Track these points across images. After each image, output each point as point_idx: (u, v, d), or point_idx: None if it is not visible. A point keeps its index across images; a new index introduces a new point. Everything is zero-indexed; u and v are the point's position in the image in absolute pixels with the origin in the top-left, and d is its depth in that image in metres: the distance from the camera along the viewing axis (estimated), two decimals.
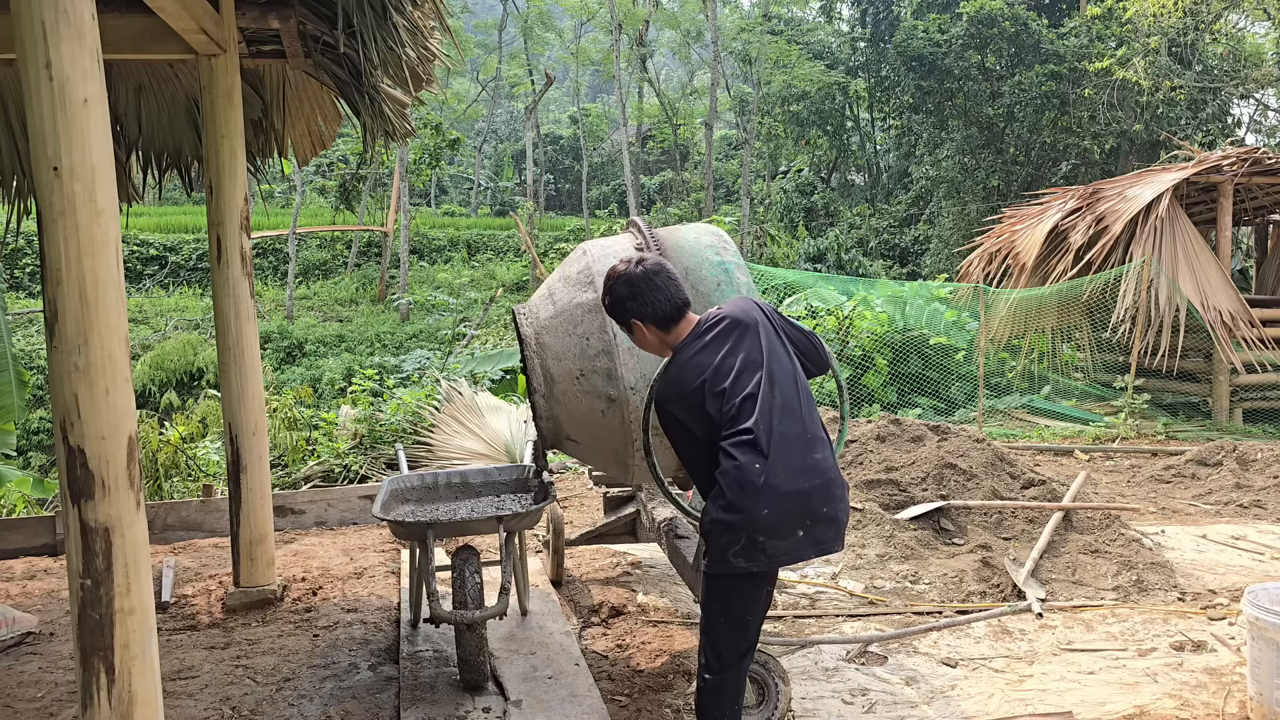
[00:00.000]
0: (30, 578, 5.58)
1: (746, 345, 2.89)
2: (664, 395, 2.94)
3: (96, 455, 2.32)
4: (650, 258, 3.08)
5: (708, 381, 2.84)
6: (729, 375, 2.83)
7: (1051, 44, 19.75)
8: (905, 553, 5.49)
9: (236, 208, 4.79)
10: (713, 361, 2.87)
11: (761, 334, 2.93)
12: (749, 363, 2.86)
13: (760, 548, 2.75)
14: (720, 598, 2.90)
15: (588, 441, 3.85)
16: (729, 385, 2.81)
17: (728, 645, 2.92)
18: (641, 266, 3.03)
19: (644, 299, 2.98)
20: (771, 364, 2.87)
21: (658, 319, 2.99)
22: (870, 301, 12.61)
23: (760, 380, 2.82)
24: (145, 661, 2.41)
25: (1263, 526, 6.34)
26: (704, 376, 2.85)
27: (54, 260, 2.29)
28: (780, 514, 2.75)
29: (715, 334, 2.93)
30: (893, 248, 23.99)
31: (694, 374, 2.87)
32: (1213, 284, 10.74)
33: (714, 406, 2.81)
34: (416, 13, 4.55)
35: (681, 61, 42.27)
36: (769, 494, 2.72)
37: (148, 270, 27.05)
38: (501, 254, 30.83)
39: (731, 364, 2.85)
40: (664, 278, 3.02)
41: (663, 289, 2.99)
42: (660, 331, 3.01)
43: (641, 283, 2.99)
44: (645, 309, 2.98)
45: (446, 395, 8.82)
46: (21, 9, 2.23)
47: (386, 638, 4.47)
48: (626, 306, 3.01)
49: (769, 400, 2.80)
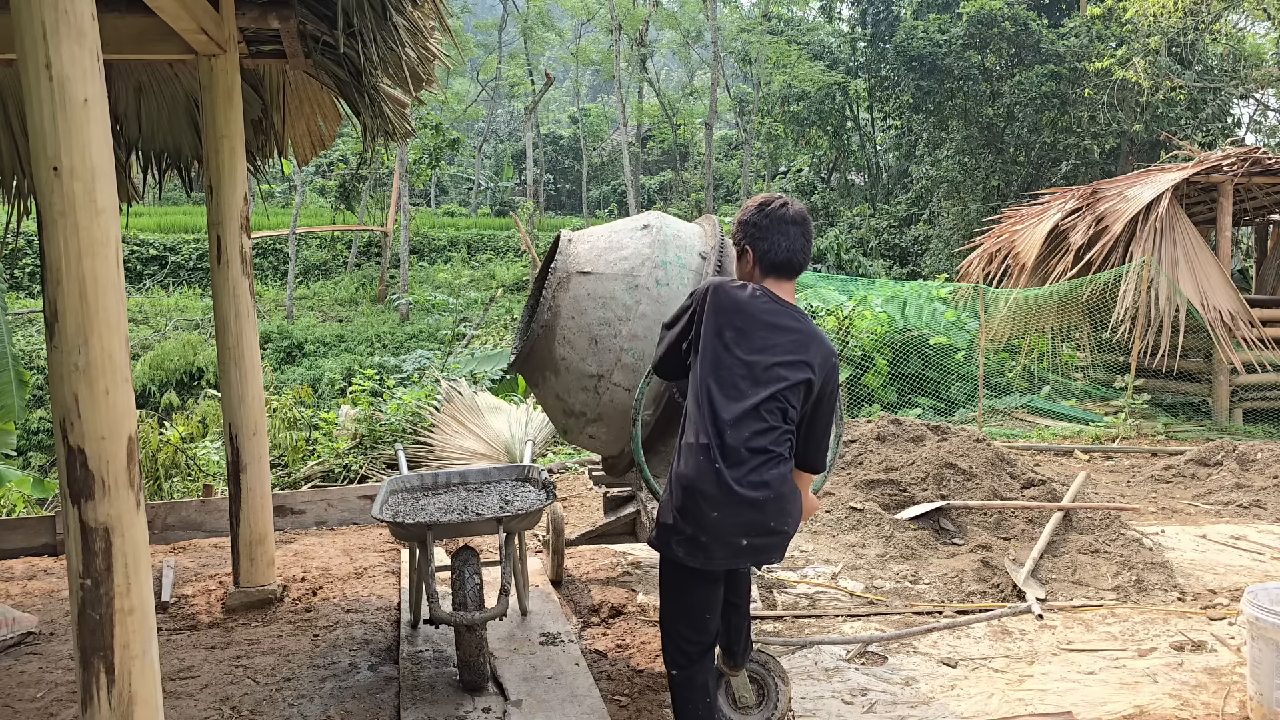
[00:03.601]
0: (30, 578, 5.58)
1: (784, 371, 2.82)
2: (723, 284, 2.90)
3: (96, 455, 2.31)
4: (798, 204, 3.01)
5: (736, 340, 2.81)
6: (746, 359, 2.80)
7: (1051, 44, 19.76)
8: (905, 553, 5.49)
9: (236, 208, 4.79)
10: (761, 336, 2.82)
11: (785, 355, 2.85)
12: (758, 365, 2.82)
13: (702, 548, 2.78)
14: (677, 595, 2.93)
15: (575, 350, 3.78)
16: (732, 363, 2.80)
17: (688, 641, 2.94)
18: (786, 208, 2.97)
19: (767, 234, 2.93)
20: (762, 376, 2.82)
21: (766, 261, 2.94)
22: (870, 301, 12.61)
23: (747, 386, 2.80)
24: (145, 661, 2.41)
25: (1263, 526, 6.34)
26: (734, 335, 2.82)
27: (54, 260, 2.29)
28: (728, 521, 2.75)
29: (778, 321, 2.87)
30: (893, 248, 24.00)
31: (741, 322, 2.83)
32: (1213, 284, 10.74)
33: (713, 353, 2.81)
34: (416, 13, 4.55)
35: (681, 61, 42.29)
36: (722, 500, 2.73)
37: (148, 270, 27.05)
38: (501, 254, 30.83)
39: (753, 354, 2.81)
40: (799, 230, 2.95)
41: (791, 239, 2.93)
42: (760, 273, 2.96)
43: (777, 220, 2.94)
44: (762, 244, 2.93)
45: (446, 395, 8.82)
46: (21, 9, 2.23)
47: (386, 638, 4.47)
48: (749, 232, 2.97)
49: (743, 409, 2.78)
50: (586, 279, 3.72)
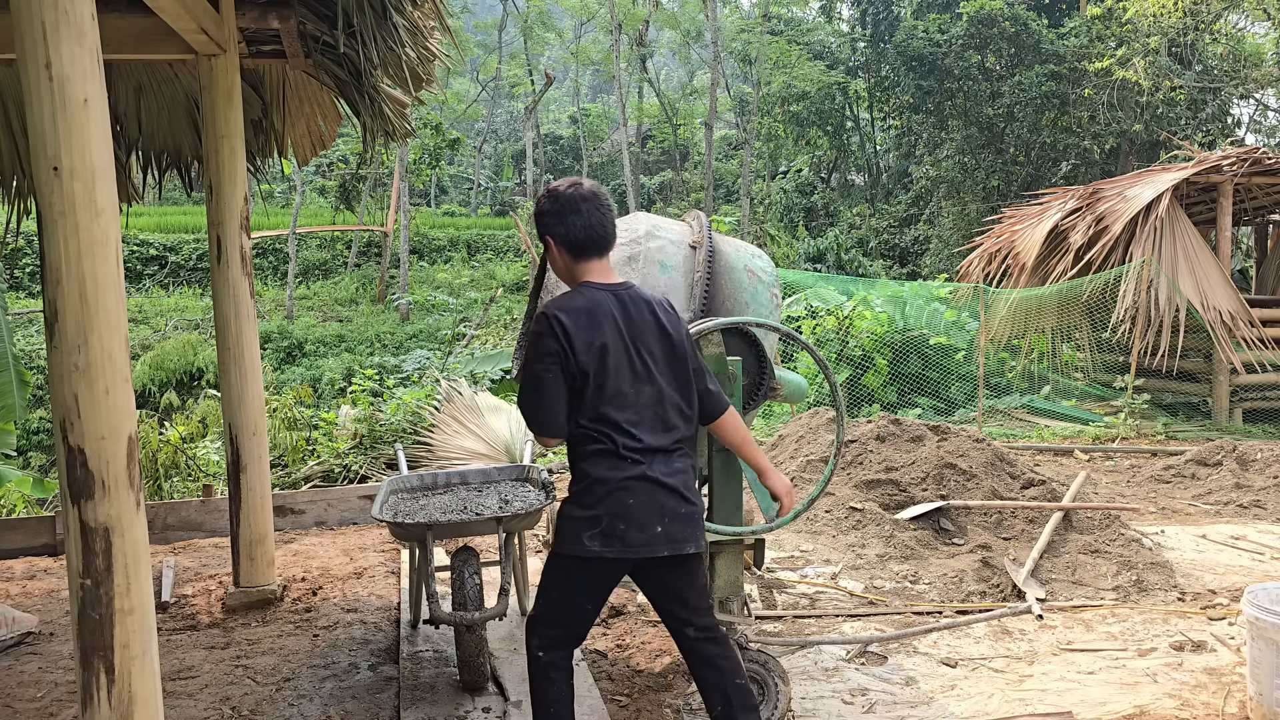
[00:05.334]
0: (30, 578, 5.58)
1: (642, 334, 2.85)
2: (560, 306, 2.81)
3: (96, 455, 2.31)
4: (589, 183, 2.96)
5: (608, 345, 2.77)
6: (622, 353, 2.79)
7: (1051, 44, 19.76)
8: (905, 553, 5.49)
9: (236, 208, 4.79)
10: (613, 328, 2.80)
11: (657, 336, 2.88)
12: (642, 350, 2.83)
13: (620, 536, 2.76)
14: (564, 581, 2.88)
15: None
16: (614, 362, 2.77)
17: (562, 626, 2.91)
18: (575, 188, 2.91)
19: (562, 218, 2.87)
20: (655, 364, 2.85)
21: (568, 243, 2.88)
22: (870, 301, 12.61)
23: (645, 373, 2.82)
24: (145, 661, 2.41)
25: (1263, 526, 6.34)
26: (604, 338, 2.77)
27: (54, 260, 2.29)
28: (645, 506, 2.76)
29: (623, 303, 2.86)
30: (893, 248, 24.00)
31: (602, 325, 2.79)
32: (1213, 284, 10.74)
33: (593, 367, 2.75)
34: (416, 13, 4.56)
35: (681, 61, 42.31)
36: (638, 485, 2.75)
37: (148, 270, 27.05)
38: (501, 254, 30.83)
39: (625, 344, 2.81)
40: (591, 206, 2.88)
41: (585, 215, 2.86)
42: (569, 258, 2.90)
43: (566, 201, 2.88)
44: (559, 228, 2.88)
45: (446, 395, 8.82)
46: (21, 9, 2.23)
47: (386, 638, 4.47)
48: (545, 221, 2.92)
49: (649, 395, 2.81)
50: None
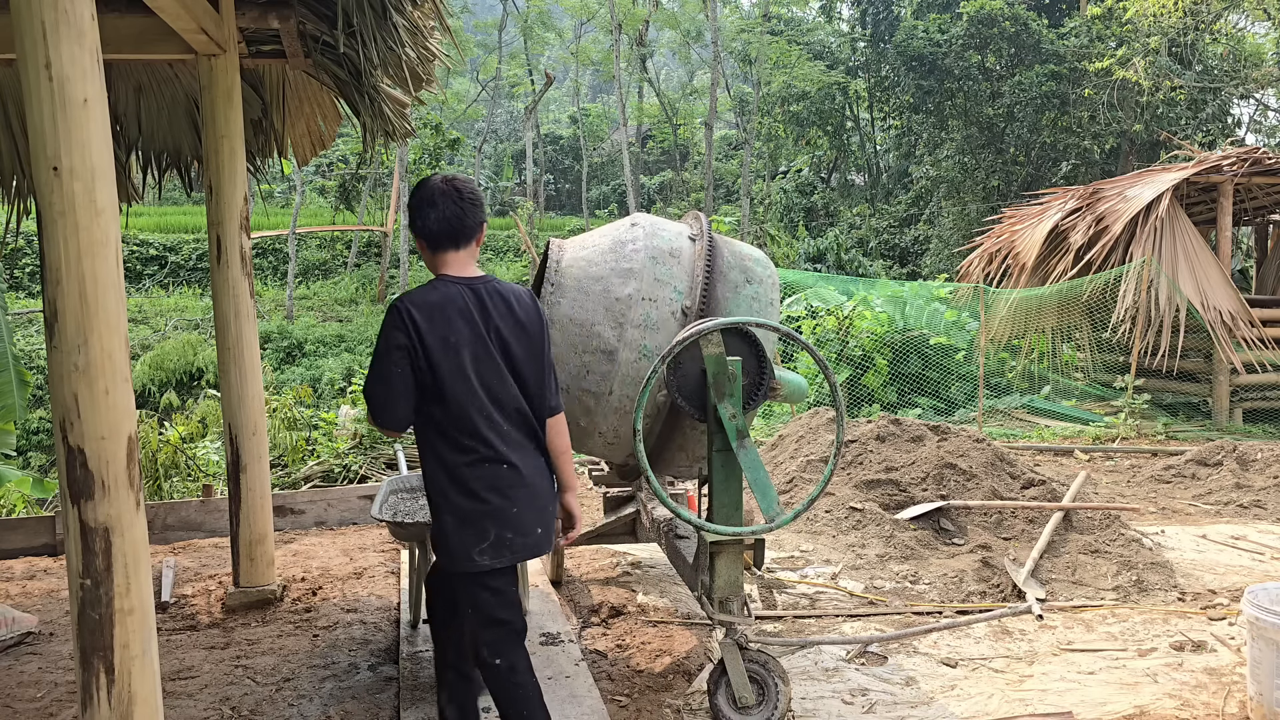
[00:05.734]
0: (30, 578, 5.58)
1: (498, 329, 2.83)
2: (413, 300, 2.79)
3: (96, 455, 2.31)
4: (460, 178, 2.94)
5: (459, 340, 2.76)
6: (476, 347, 2.78)
7: (1051, 44, 19.76)
8: (905, 553, 5.49)
9: (236, 208, 4.79)
10: (467, 323, 2.79)
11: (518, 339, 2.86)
12: (496, 344, 2.82)
13: (508, 544, 2.77)
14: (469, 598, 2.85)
15: (565, 397, 3.75)
16: (466, 357, 2.76)
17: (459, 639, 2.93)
18: (430, 181, 2.91)
19: (420, 210, 2.87)
20: (510, 358, 2.84)
21: (425, 235, 2.87)
22: (870, 301, 12.61)
23: (498, 368, 2.81)
24: (145, 661, 2.41)
25: (1263, 526, 6.34)
26: (456, 333, 2.76)
27: (54, 260, 2.29)
28: (527, 511, 2.79)
29: (479, 297, 2.84)
30: (893, 248, 23.99)
31: (455, 321, 2.78)
32: (1213, 284, 10.74)
33: (442, 362, 2.74)
34: (416, 13, 4.55)
35: (681, 61, 42.29)
36: (519, 491, 2.78)
37: (148, 270, 27.05)
38: (501, 254, 30.83)
39: (479, 338, 2.79)
40: (449, 200, 2.85)
41: (440, 209, 2.84)
42: (427, 250, 2.90)
43: (425, 195, 2.87)
44: (417, 221, 2.88)
45: None
46: (21, 9, 2.22)
47: (386, 638, 4.47)
48: (409, 218, 2.92)
49: (501, 390, 2.81)
50: (570, 326, 3.69)
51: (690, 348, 3.41)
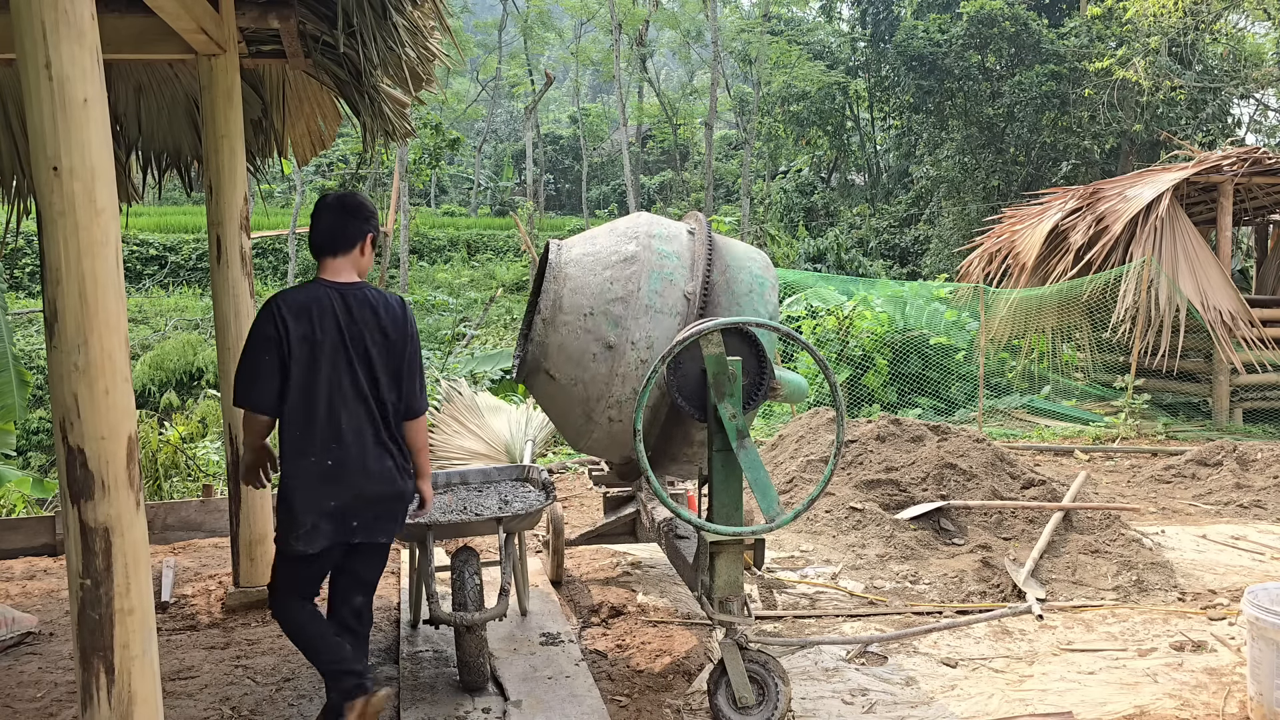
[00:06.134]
0: (30, 578, 5.58)
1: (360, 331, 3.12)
2: (284, 298, 3.09)
3: (96, 455, 2.31)
4: (349, 195, 3.30)
5: (321, 339, 3.06)
6: (336, 347, 3.08)
7: (1051, 44, 19.76)
8: (905, 553, 5.49)
9: (236, 208, 4.79)
10: (331, 323, 3.08)
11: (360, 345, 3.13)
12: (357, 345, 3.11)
13: (331, 530, 3.08)
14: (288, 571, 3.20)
15: (564, 381, 3.76)
16: (325, 354, 3.06)
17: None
18: (324, 198, 3.26)
19: (312, 221, 3.23)
20: (368, 360, 3.13)
21: (310, 244, 3.23)
22: (870, 301, 12.60)
23: (353, 368, 3.10)
24: (145, 661, 2.41)
25: (1263, 526, 6.34)
26: (318, 332, 3.06)
27: (54, 260, 2.29)
28: (351, 502, 3.08)
29: (346, 300, 3.13)
30: (893, 248, 23.99)
31: (319, 320, 3.07)
32: (1213, 284, 10.74)
33: (303, 357, 3.04)
34: (416, 13, 4.55)
35: (681, 61, 42.29)
36: (353, 477, 3.06)
37: (148, 270, 27.05)
38: (501, 254, 30.83)
39: (341, 338, 3.09)
40: (332, 213, 3.21)
41: (323, 221, 3.20)
42: (317, 259, 3.23)
43: (316, 209, 3.23)
44: (310, 235, 3.23)
45: (446, 395, 8.82)
46: (21, 9, 2.22)
47: (386, 637, 4.47)
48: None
49: (351, 388, 3.09)
50: (571, 320, 3.69)
51: (690, 348, 3.41)
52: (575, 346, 3.67)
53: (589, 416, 3.74)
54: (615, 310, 3.63)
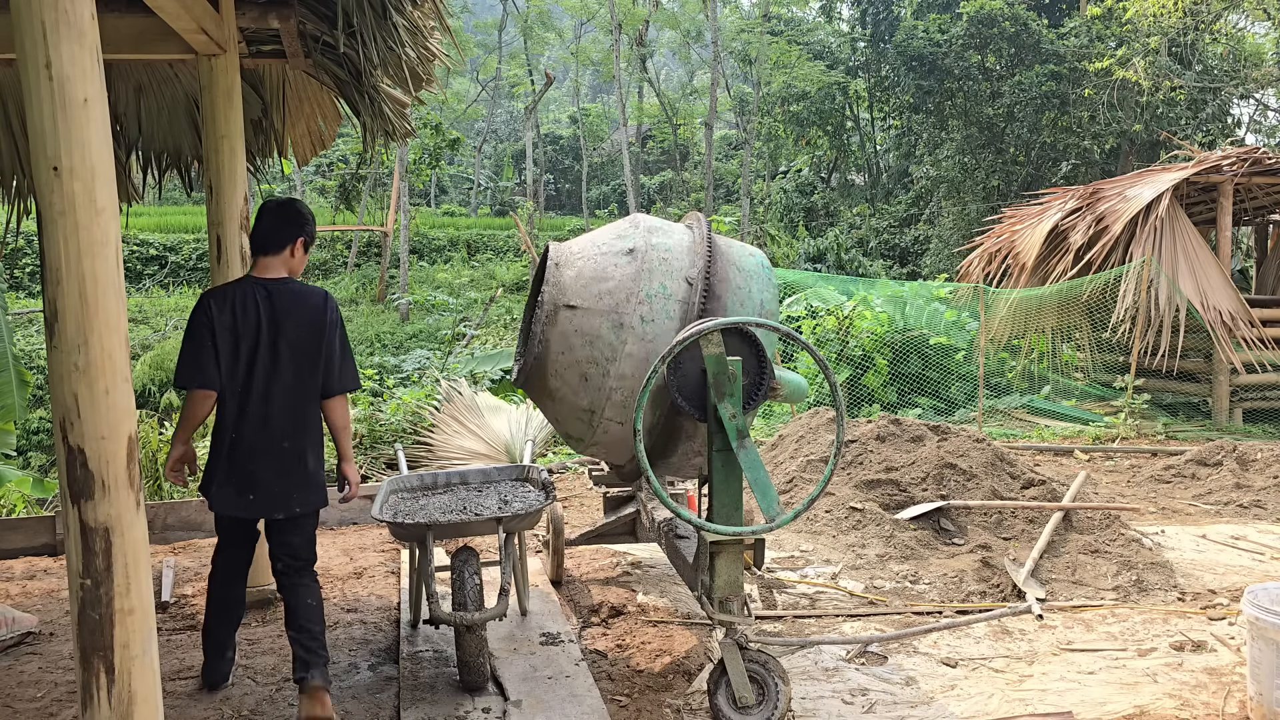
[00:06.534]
0: (30, 578, 5.58)
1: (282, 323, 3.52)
2: (214, 293, 3.51)
3: (96, 455, 2.31)
4: (289, 201, 3.72)
5: (243, 329, 3.47)
6: (256, 337, 3.48)
7: (1051, 44, 19.76)
8: (905, 553, 5.49)
9: (236, 208, 4.79)
10: (254, 316, 3.48)
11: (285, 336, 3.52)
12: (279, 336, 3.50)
13: (251, 500, 3.58)
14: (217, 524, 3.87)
15: (565, 385, 3.76)
16: (246, 344, 3.47)
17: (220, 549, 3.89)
18: (268, 202, 3.66)
19: (254, 224, 3.62)
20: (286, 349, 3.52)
21: (250, 242, 3.66)
22: (870, 301, 12.60)
23: (273, 357, 3.49)
24: (145, 661, 2.41)
25: (1263, 526, 6.34)
26: (241, 323, 3.46)
27: (54, 260, 2.29)
28: (267, 473, 3.54)
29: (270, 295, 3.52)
30: (893, 248, 23.99)
31: (241, 312, 3.48)
32: (1213, 284, 10.74)
33: (226, 345, 3.45)
34: (416, 13, 4.55)
35: (681, 61, 42.30)
36: (264, 458, 3.51)
37: (148, 270, 27.05)
38: (501, 254, 30.83)
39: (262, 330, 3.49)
40: (272, 216, 3.62)
41: (262, 223, 3.61)
42: (253, 257, 3.64)
43: (261, 210, 3.62)
44: (251, 232, 3.65)
45: (446, 395, 8.82)
46: (21, 9, 2.22)
47: (386, 638, 4.48)
48: None
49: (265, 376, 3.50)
50: (573, 314, 3.67)
51: (690, 348, 3.41)
52: (575, 349, 3.67)
53: (590, 420, 3.74)
54: (615, 311, 3.63)
